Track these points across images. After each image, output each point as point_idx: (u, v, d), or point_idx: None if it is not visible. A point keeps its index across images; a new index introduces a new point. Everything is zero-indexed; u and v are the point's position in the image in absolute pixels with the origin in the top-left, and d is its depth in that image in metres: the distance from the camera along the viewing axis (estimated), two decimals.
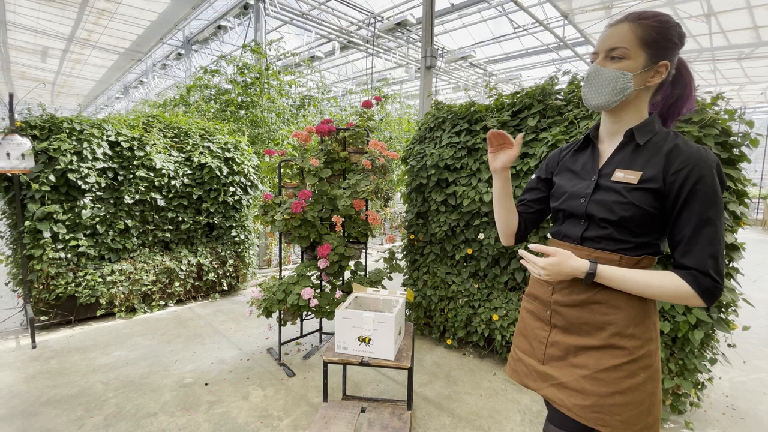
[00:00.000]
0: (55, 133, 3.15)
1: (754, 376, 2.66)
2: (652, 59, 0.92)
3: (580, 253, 1.00)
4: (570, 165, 1.11)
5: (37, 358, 2.78)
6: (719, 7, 6.31)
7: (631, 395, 0.94)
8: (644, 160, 0.94)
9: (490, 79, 12.32)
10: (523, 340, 1.17)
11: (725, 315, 1.98)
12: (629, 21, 0.92)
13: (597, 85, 0.95)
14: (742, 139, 1.91)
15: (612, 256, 0.97)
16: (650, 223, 0.93)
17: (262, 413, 2.18)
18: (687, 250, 0.89)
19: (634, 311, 0.96)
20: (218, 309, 3.91)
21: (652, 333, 0.98)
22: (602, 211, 0.96)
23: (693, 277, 0.88)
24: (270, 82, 5.42)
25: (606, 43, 0.94)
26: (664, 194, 0.91)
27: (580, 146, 1.11)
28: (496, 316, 2.61)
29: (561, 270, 0.97)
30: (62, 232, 3.18)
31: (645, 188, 0.91)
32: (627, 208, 0.92)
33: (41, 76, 11.69)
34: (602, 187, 0.98)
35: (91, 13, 7.04)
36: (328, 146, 2.83)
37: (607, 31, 0.95)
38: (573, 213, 1.03)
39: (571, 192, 1.05)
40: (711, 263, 0.86)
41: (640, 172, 0.93)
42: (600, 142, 1.07)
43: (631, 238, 0.95)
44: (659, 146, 0.94)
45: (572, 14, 6.93)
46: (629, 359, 0.95)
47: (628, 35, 0.91)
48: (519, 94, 2.64)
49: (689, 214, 0.88)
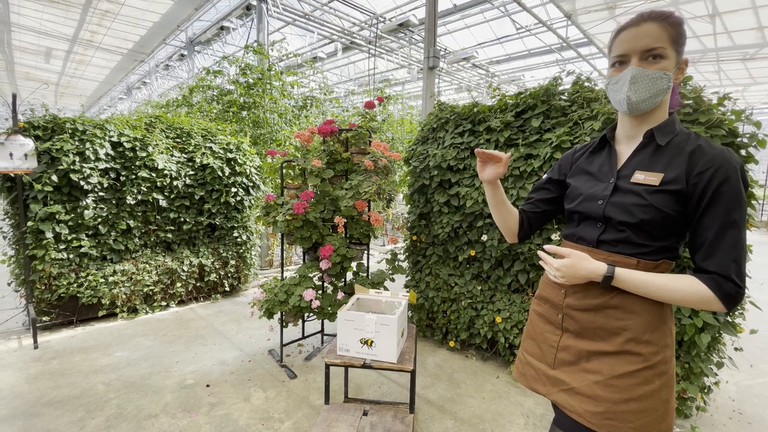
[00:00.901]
0: (58, 133, 3.15)
1: (761, 380, 2.63)
2: (679, 57, 0.91)
3: (596, 256, 0.98)
4: (585, 166, 1.09)
5: (38, 358, 2.78)
6: (724, 8, 6.26)
7: (646, 402, 0.91)
8: (665, 161, 0.92)
9: (493, 80, 12.30)
10: (532, 344, 1.15)
11: (732, 318, 1.95)
12: (657, 21, 0.89)
13: (643, 86, 0.91)
14: (749, 140, 1.88)
15: (629, 260, 0.94)
16: (670, 226, 0.91)
17: (263, 415, 2.16)
18: (709, 253, 0.87)
19: (651, 317, 0.94)
20: (220, 310, 3.90)
21: (668, 339, 0.95)
22: (621, 213, 0.94)
23: (715, 281, 0.85)
24: (272, 82, 5.42)
25: (640, 44, 0.90)
26: (687, 196, 0.88)
27: (596, 147, 1.09)
28: (499, 318, 2.58)
29: (576, 272, 0.95)
30: (64, 232, 3.18)
31: (667, 190, 0.89)
32: (647, 210, 0.90)
33: (45, 77, 11.74)
34: (621, 189, 0.96)
35: (95, 15, 7.06)
36: (331, 147, 2.82)
37: (631, 31, 0.91)
38: (590, 215, 1.01)
39: (587, 194, 1.02)
40: (734, 267, 0.84)
41: (662, 174, 0.90)
42: (617, 143, 1.04)
43: (649, 241, 0.93)
44: (681, 147, 0.91)
45: (575, 15, 6.90)
46: (644, 366, 0.92)
47: (662, 35, 0.89)
48: (522, 94, 2.62)
49: (713, 217, 0.86)
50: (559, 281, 0.98)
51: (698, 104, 1.95)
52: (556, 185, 1.17)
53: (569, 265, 0.96)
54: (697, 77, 9.82)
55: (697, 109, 1.94)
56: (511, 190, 2.51)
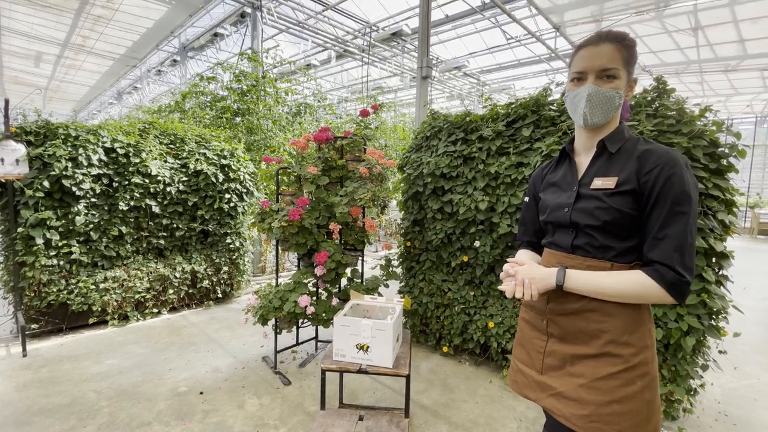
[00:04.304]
0: (50, 139, 3.13)
1: (744, 382, 2.70)
2: (629, 77, 0.99)
3: (573, 261, 1.03)
4: (552, 179, 1.17)
5: (28, 366, 2.74)
6: (706, 21, 6.49)
7: (629, 404, 0.94)
8: (618, 165, 0.99)
9: (484, 89, 12.49)
10: (521, 351, 1.18)
11: (716, 322, 2.02)
12: (612, 42, 0.97)
13: (597, 104, 0.99)
14: (729, 150, 1.96)
15: (603, 263, 0.99)
16: (631, 225, 0.96)
17: (257, 422, 2.16)
18: (654, 244, 0.92)
19: (628, 318, 0.97)
20: (212, 317, 3.88)
21: (647, 340, 0.99)
22: (586, 218, 1.00)
23: (657, 272, 0.89)
24: (266, 89, 5.45)
25: (597, 63, 0.97)
26: (640, 194, 0.94)
27: (558, 161, 1.17)
28: (492, 323, 2.62)
29: (533, 272, 1.02)
30: (55, 238, 3.15)
31: (622, 191, 0.95)
32: (609, 212, 0.96)
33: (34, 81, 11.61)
34: (583, 195, 1.03)
35: (87, 20, 7.04)
36: (326, 154, 2.85)
37: (590, 50, 0.99)
38: (560, 223, 1.07)
39: (554, 204, 1.10)
40: (676, 256, 0.88)
41: (616, 177, 0.97)
42: (576, 155, 1.12)
43: (616, 243, 0.98)
44: (630, 151, 0.99)
45: (563, 27, 7.08)
46: (625, 367, 0.95)
47: (617, 55, 0.96)
48: (513, 104, 2.69)
49: (660, 210, 0.91)
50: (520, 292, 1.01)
51: (681, 116, 2.03)
52: (536, 202, 1.25)
53: (527, 268, 1.03)
54: (681, 88, 10.11)
55: (680, 120, 2.02)
56: (503, 197, 2.57)
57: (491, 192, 2.67)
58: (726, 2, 5.78)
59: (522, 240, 1.32)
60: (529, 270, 1.03)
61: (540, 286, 1.00)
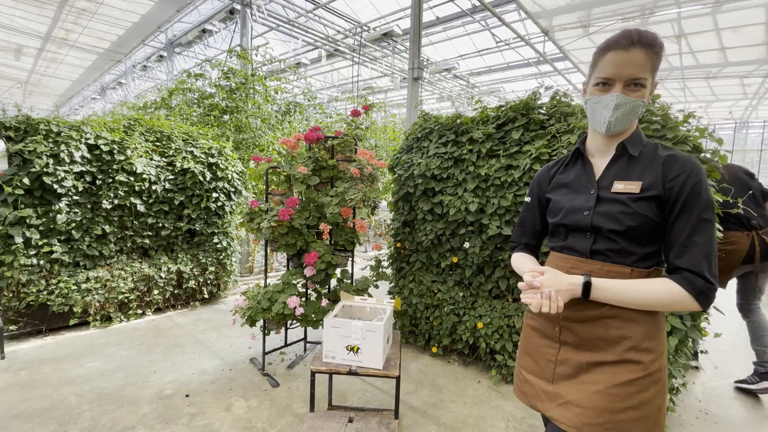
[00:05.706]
0: (31, 134, 3.04)
1: (725, 381, 2.78)
2: (653, 82, 0.97)
3: (590, 266, 1.00)
4: (562, 180, 1.12)
5: (6, 369, 2.65)
6: (689, 29, 6.66)
7: (643, 410, 0.93)
8: (640, 170, 0.97)
9: (473, 91, 12.59)
10: (528, 360, 1.14)
11: (698, 322, 2.07)
12: (644, 48, 0.91)
13: (623, 114, 0.96)
14: (712, 155, 2.02)
15: (623, 269, 0.97)
16: (654, 232, 0.95)
17: (245, 425, 2.13)
18: (682, 251, 0.90)
19: (650, 324, 0.96)
20: (199, 318, 3.81)
21: (663, 347, 0.98)
22: (609, 222, 0.96)
23: (687, 279, 0.88)
24: (255, 87, 5.39)
25: (626, 72, 0.93)
26: (664, 200, 0.93)
27: (570, 161, 1.13)
28: (481, 324, 2.64)
29: (559, 281, 0.96)
30: (35, 237, 3.05)
31: (647, 196, 0.94)
32: (633, 217, 0.94)
33: (14, 74, 11.25)
34: (604, 198, 0.99)
35: (71, 13, 6.86)
36: (317, 154, 2.84)
37: (620, 55, 0.93)
38: (577, 227, 1.03)
39: (570, 207, 1.05)
40: (705, 264, 0.88)
41: (640, 182, 0.95)
42: (590, 155, 1.09)
43: (637, 248, 0.96)
44: (652, 156, 0.97)
45: (552, 31, 7.19)
46: (644, 374, 0.94)
47: (647, 64, 0.92)
48: (503, 107, 2.71)
49: (687, 217, 0.90)
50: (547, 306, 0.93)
51: (666, 121, 2.07)
52: (539, 203, 1.21)
53: (551, 278, 0.97)
54: (664, 94, 10.36)
55: (665, 125, 2.07)
56: (493, 199, 2.59)
57: (481, 194, 2.68)
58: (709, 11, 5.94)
59: (519, 242, 1.27)
60: (554, 280, 0.96)
61: (566, 297, 0.95)
